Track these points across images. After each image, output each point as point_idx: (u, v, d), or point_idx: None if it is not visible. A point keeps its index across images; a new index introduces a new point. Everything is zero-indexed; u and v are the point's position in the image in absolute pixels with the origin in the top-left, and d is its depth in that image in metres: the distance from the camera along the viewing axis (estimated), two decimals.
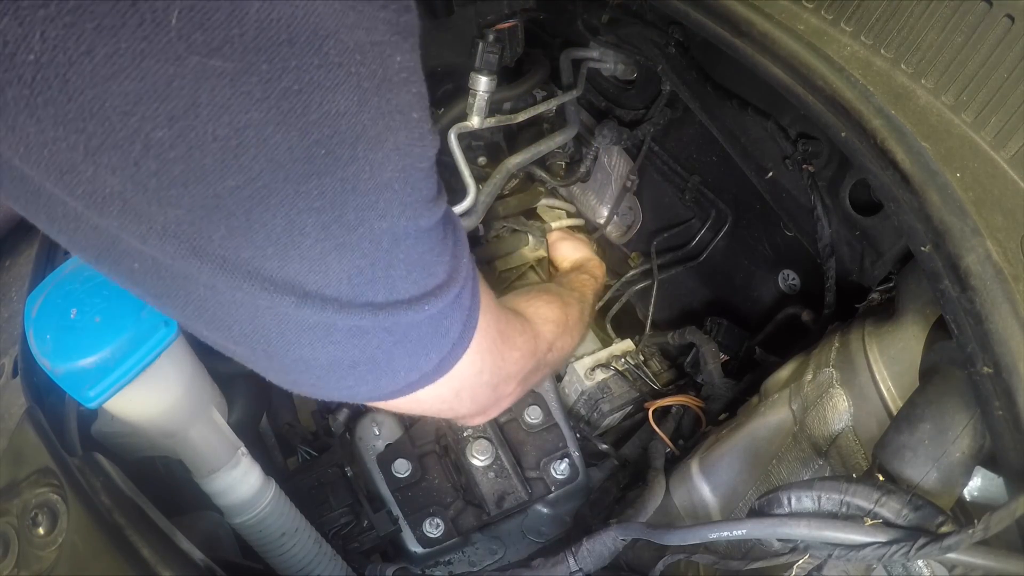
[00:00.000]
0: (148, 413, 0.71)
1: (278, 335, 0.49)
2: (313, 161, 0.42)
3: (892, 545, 0.53)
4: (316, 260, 0.46)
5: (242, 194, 0.41)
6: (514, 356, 0.71)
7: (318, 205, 0.44)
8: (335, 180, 0.44)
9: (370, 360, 0.53)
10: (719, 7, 0.79)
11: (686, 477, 0.87)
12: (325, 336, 0.50)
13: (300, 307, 0.47)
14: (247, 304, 0.47)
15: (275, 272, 0.46)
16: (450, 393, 0.63)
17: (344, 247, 0.47)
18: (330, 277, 0.47)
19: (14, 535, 0.63)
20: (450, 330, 0.57)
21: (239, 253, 0.44)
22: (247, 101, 0.39)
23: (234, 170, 0.40)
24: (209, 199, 0.41)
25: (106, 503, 0.62)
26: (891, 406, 0.71)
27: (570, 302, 0.92)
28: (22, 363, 0.72)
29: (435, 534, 0.93)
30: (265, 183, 0.42)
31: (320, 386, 0.56)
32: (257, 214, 0.43)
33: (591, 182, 1.32)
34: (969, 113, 0.67)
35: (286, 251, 0.45)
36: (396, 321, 0.52)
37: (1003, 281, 0.57)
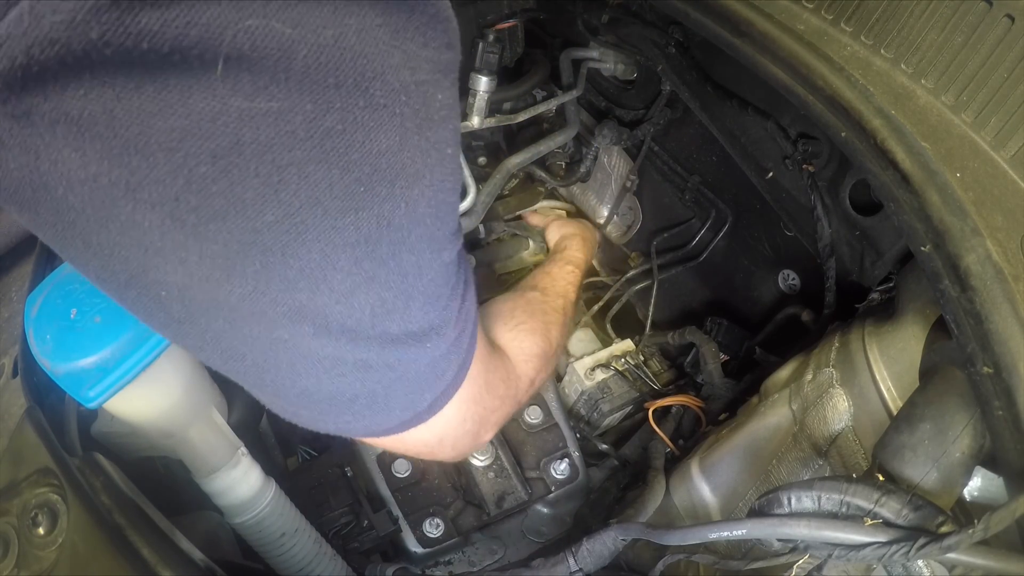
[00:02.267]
0: (148, 413, 0.71)
1: (288, 366, 0.50)
2: (352, 198, 0.43)
3: (892, 545, 0.53)
4: (345, 293, 0.47)
5: (280, 229, 0.42)
6: (495, 404, 0.72)
7: (353, 240, 0.45)
8: (371, 216, 0.44)
9: (370, 395, 0.54)
10: (719, 7, 0.79)
11: (686, 477, 0.87)
12: (332, 368, 0.51)
13: (316, 337, 0.48)
14: (264, 335, 0.48)
15: (303, 304, 0.46)
16: (434, 439, 0.65)
17: (373, 280, 0.47)
18: (354, 309, 0.48)
19: (14, 535, 0.63)
20: (446, 372, 0.58)
21: (270, 285, 0.44)
22: (291, 140, 0.40)
23: (273, 205, 0.41)
24: (247, 234, 0.42)
25: (106, 503, 0.62)
26: (891, 406, 0.71)
27: (554, 320, 0.90)
28: (22, 363, 0.72)
29: (435, 534, 0.93)
30: (303, 219, 0.42)
31: (319, 420, 0.57)
32: (293, 248, 0.43)
33: (591, 182, 1.32)
34: (969, 113, 0.68)
35: (317, 285, 0.45)
36: (399, 357, 0.53)
37: (1003, 281, 0.57)
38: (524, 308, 0.89)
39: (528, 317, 0.87)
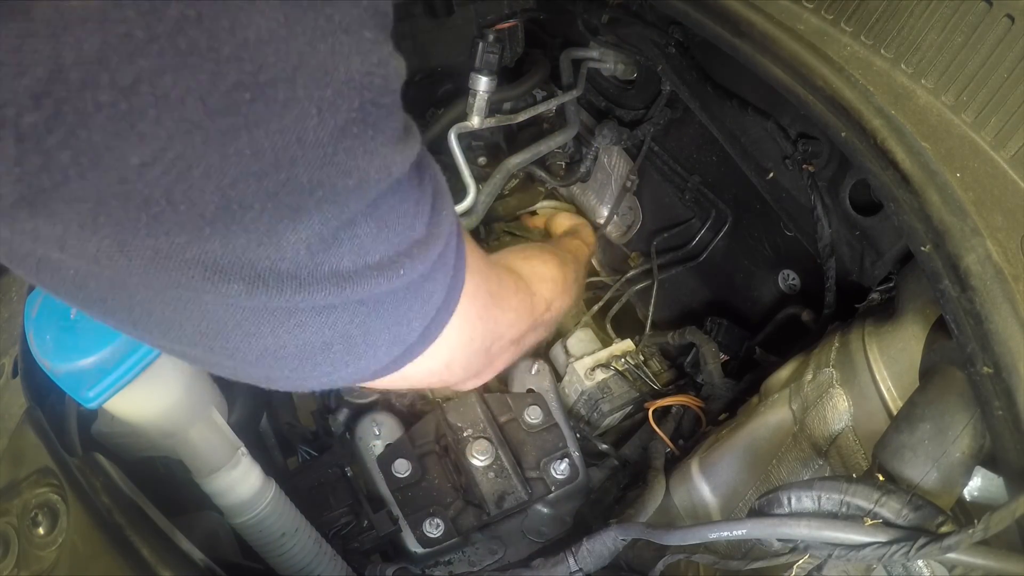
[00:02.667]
0: (148, 413, 0.71)
1: (235, 328, 0.42)
2: (237, 110, 0.33)
3: (892, 545, 0.53)
4: (265, 232, 0.37)
5: (153, 172, 0.33)
6: (508, 318, 0.65)
7: (256, 169, 0.35)
8: (272, 133, 0.34)
9: (344, 338, 0.46)
10: (719, 7, 0.79)
11: (686, 477, 0.87)
12: (288, 318, 0.42)
13: (252, 295, 0.39)
14: (192, 300, 0.40)
15: (217, 255, 0.37)
16: (440, 366, 0.57)
17: (299, 212, 0.38)
18: (284, 249, 0.39)
19: (14, 535, 0.63)
20: (433, 294, 0.50)
21: (172, 240, 0.36)
22: (129, 46, 0.30)
23: (134, 143, 0.31)
24: (115, 185, 0.33)
25: (106, 503, 0.62)
26: (891, 406, 0.71)
27: (566, 260, 0.87)
28: (22, 363, 0.72)
29: (435, 534, 0.93)
30: (179, 152, 0.32)
31: (295, 378, 0.48)
32: (180, 192, 0.34)
33: (591, 182, 1.32)
34: (969, 113, 0.67)
35: (226, 228, 0.36)
36: (369, 291, 0.44)
37: (1003, 281, 0.57)
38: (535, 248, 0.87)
39: (540, 252, 0.83)
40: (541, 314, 0.74)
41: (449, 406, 1.00)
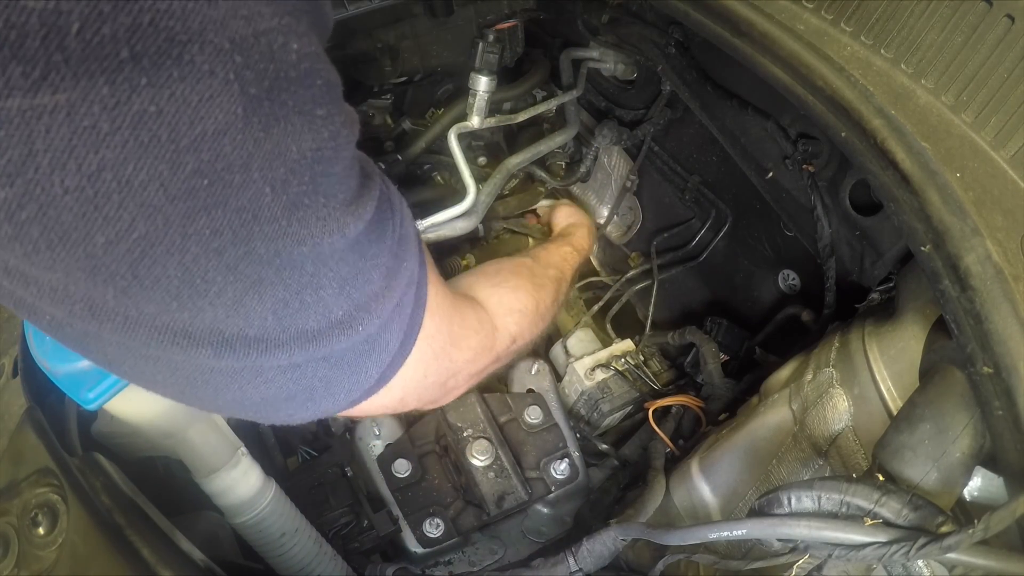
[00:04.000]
0: (148, 414, 0.71)
1: (203, 384, 0.45)
2: (195, 195, 0.35)
3: (892, 545, 0.53)
4: (231, 306, 0.40)
5: (118, 250, 0.35)
6: (466, 356, 0.67)
7: (216, 246, 0.37)
8: (229, 212, 0.37)
9: (307, 390, 0.49)
10: (719, 7, 0.79)
11: (686, 477, 0.87)
12: (255, 377, 0.45)
13: (220, 357, 0.42)
14: (163, 359, 0.42)
15: (187, 324, 0.40)
16: (394, 401, 0.61)
17: (261, 283, 0.40)
18: (251, 318, 0.41)
19: (14, 535, 0.63)
20: (389, 343, 0.52)
21: (141, 309, 0.38)
22: (94, 137, 0.32)
23: (100, 224, 0.34)
24: (82, 260, 0.35)
25: (106, 503, 0.62)
26: (891, 406, 0.71)
27: (543, 284, 0.86)
28: (22, 363, 0.72)
29: (435, 534, 0.93)
30: (142, 233, 0.35)
31: (259, 417, 0.53)
32: (144, 269, 0.36)
33: (591, 182, 1.32)
34: (969, 113, 0.67)
35: (193, 302, 0.39)
36: (331, 349, 0.46)
37: (1003, 281, 0.57)
38: (510, 269, 0.86)
39: (513, 276, 0.83)
40: (505, 348, 0.76)
41: (449, 406, 1.00)
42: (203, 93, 0.34)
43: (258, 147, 0.36)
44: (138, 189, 0.34)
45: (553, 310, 0.89)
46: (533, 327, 0.81)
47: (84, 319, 0.38)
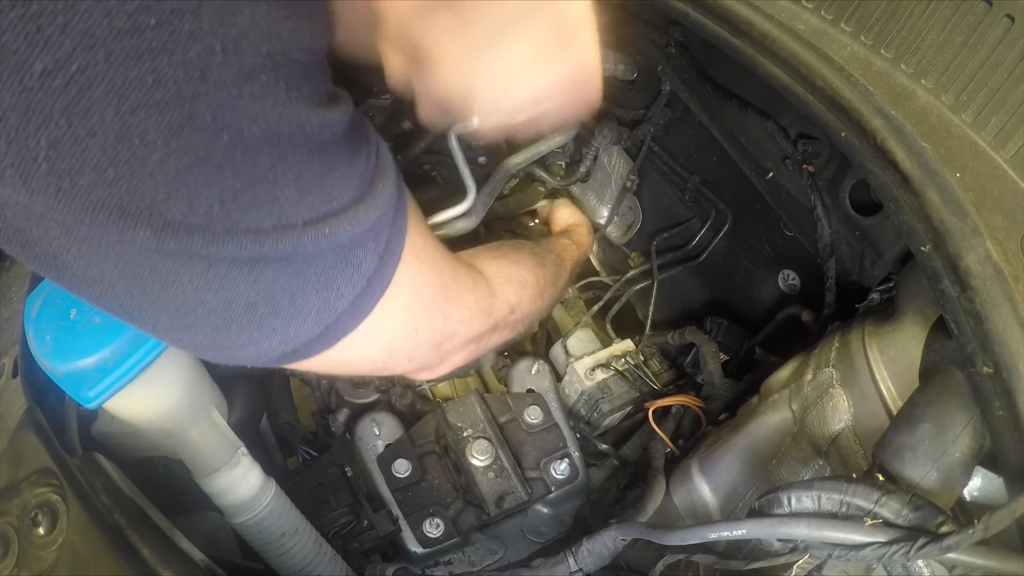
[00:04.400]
0: (148, 413, 0.71)
1: (151, 274, 0.40)
2: (141, 35, 0.32)
3: (892, 545, 0.53)
4: (172, 181, 0.36)
5: (54, 83, 0.32)
6: (461, 315, 0.63)
7: (158, 98, 0.34)
8: (175, 64, 0.33)
9: (269, 298, 0.44)
10: (719, 7, 0.79)
11: (686, 477, 0.87)
12: (206, 269, 0.41)
13: (160, 241, 0.38)
14: (103, 239, 0.39)
15: (125, 200, 0.36)
16: (381, 352, 0.56)
17: (208, 163, 0.37)
18: (196, 203, 0.37)
19: (14, 535, 0.63)
20: (363, 261, 0.48)
21: (74, 179, 0.35)
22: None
23: (39, 47, 0.32)
24: (17, 95, 0.32)
25: (106, 503, 0.62)
26: (891, 406, 0.71)
27: (544, 263, 0.85)
28: (22, 363, 0.72)
29: (435, 534, 0.93)
30: (81, 66, 0.32)
31: (221, 343, 0.46)
32: (79, 113, 0.33)
33: (591, 182, 1.32)
34: (969, 113, 0.67)
35: (131, 168, 0.35)
36: (292, 248, 0.42)
37: (1003, 281, 0.57)
38: (511, 246, 0.84)
39: (513, 251, 0.82)
40: (504, 316, 0.73)
41: (449, 406, 1.00)
42: None
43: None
44: (83, 14, 0.32)
45: (552, 293, 0.87)
46: (531, 302, 0.79)
47: (16, 189, 0.35)
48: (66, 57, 0.32)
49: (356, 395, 1.03)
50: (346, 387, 1.03)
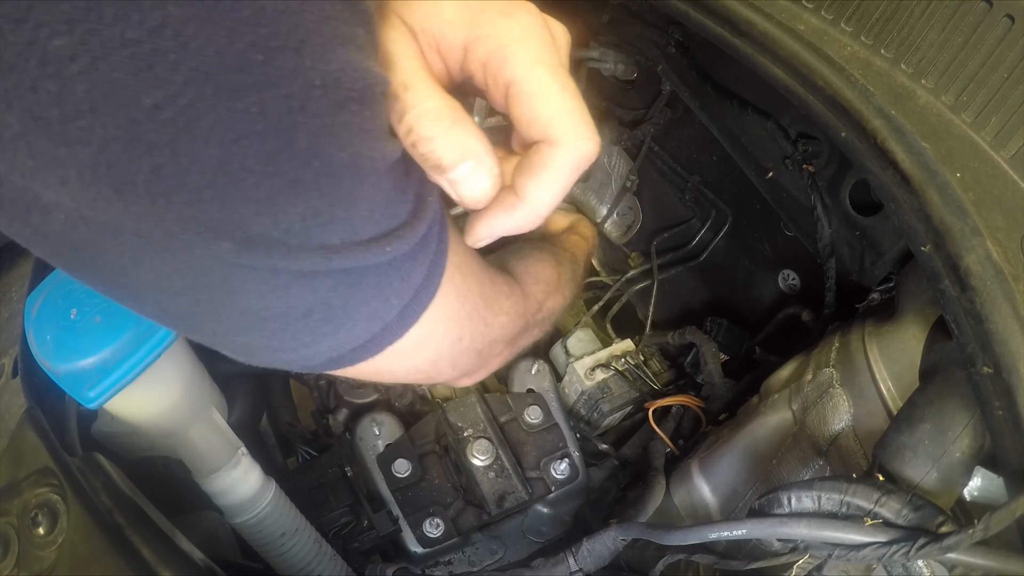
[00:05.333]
0: (148, 413, 0.71)
1: (220, 282, 0.43)
2: (249, 70, 0.35)
3: (892, 545, 0.53)
4: (264, 202, 0.39)
5: (163, 116, 0.34)
6: (500, 320, 0.65)
7: (260, 128, 0.36)
8: (278, 96, 0.36)
9: (324, 305, 0.46)
10: (719, 7, 0.79)
11: (686, 477, 0.87)
12: (272, 279, 0.43)
13: (240, 254, 0.40)
14: (181, 251, 0.40)
15: (215, 217, 0.38)
16: (426, 363, 0.58)
17: (298, 185, 0.39)
18: (280, 220, 0.40)
19: (14, 535, 0.63)
20: (412, 273, 0.50)
21: (170, 200, 0.37)
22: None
23: (150, 83, 0.33)
24: (124, 127, 0.34)
25: (106, 503, 0.62)
26: (891, 406, 0.71)
27: (562, 260, 0.86)
28: (22, 363, 0.72)
29: (435, 534, 0.93)
30: (190, 100, 0.34)
31: (274, 346, 0.48)
32: (184, 143, 0.35)
33: (591, 182, 1.32)
34: (969, 113, 0.67)
35: (227, 190, 0.37)
36: (354, 263, 0.45)
37: (1003, 281, 0.57)
38: (532, 245, 0.86)
39: (535, 251, 0.83)
40: (533, 315, 0.74)
41: (449, 406, 1.00)
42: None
43: (309, 36, 0.36)
44: (195, 52, 0.33)
45: (571, 289, 0.87)
46: (557, 295, 0.80)
47: (108, 204, 0.36)
48: (176, 91, 0.34)
49: (356, 395, 1.03)
50: (346, 387, 1.03)
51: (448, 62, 0.50)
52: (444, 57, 0.50)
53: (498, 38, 0.48)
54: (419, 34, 0.49)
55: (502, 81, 0.48)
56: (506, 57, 0.48)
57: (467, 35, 0.48)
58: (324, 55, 0.37)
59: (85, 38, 0.31)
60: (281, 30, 0.35)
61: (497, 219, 0.52)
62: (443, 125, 0.46)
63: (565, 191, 0.51)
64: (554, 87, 0.48)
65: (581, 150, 0.49)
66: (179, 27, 0.32)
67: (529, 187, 0.50)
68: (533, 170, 0.49)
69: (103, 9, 0.31)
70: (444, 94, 0.47)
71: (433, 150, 0.46)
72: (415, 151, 0.46)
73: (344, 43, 0.38)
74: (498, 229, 0.52)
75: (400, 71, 0.46)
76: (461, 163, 0.46)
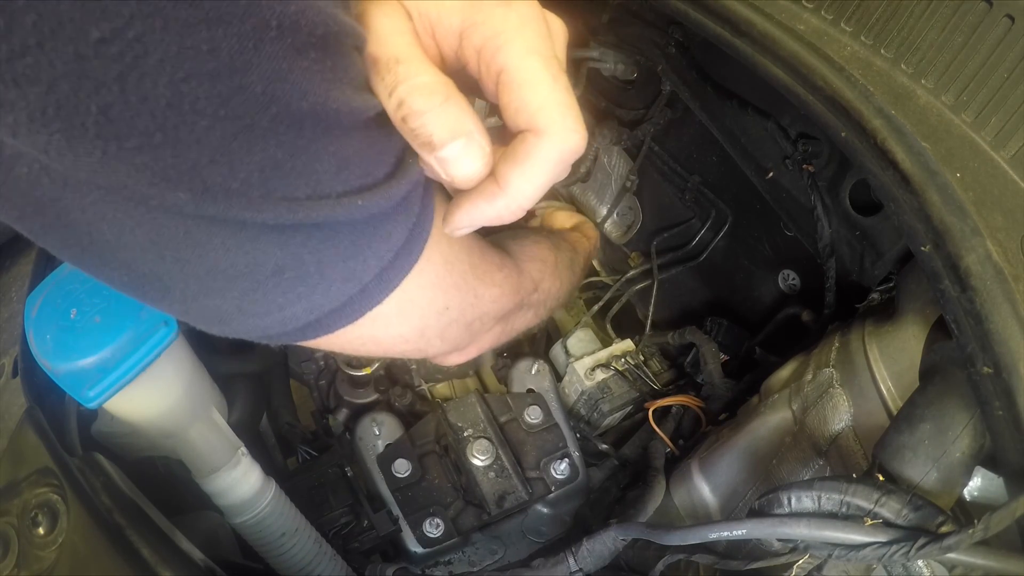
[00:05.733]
0: (148, 413, 0.71)
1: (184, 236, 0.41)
2: (200, 4, 0.33)
3: (892, 545, 0.53)
4: (217, 147, 0.37)
5: (110, 51, 0.32)
6: (492, 293, 0.63)
7: (211, 68, 0.34)
8: (231, 35, 0.34)
9: (296, 262, 0.44)
10: (719, 7, 0.79)
11: (686, 477, 0.87)
12: (239, 231, 0.41)
13: (198, 204, 0.38)
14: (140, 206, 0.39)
15: (168, 165, 0.37)
16: (413, 332, 0.55)
17: (253, 132, 0.37)
18: (236, 169, 0.38)
19: (14, 535, 0.63)
20: (392, 234, 0.48)
21: (122, 143, 0.35)
22: None
23: (97, 15, 0.32)
24: (71, 62, 0.32)
25: (106, 503, 0.62)
26: (891, 406, 0.71)
27: (561, 246, 0.85)
28: (22, 363, 0.72)
29: (435, 534, 0.93)
30: (138, 33, 0.32)
31: (247, 309, 0.46)
32: (133, 80, 0.33)
33: (591, 182, 1.32)
34: (969, 113, 0.67)
35: (177, 133, 0.35)
36: (323, 217, 0.42)
37: (1003, 281, 0.57)
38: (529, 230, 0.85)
39: (532, 233, 0.82)
40: (528, 293, 0.72)
41: (449, 406, 1.00)
42: None
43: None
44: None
45: (568, 277, 0.85)
46: (554, 278, 0.78)
47: (62, 153, 0.35)
48: (123, 25, 0.32)
49: (356, 395, 1.03)
50: (346, 387, 1.03)
51: (443, 47, 0.49)
52: (439, 42, 0.49)
53: (494, 25, 0.47)
54: (416, 16, 0.47)
55: (494, 68, 0.47)
56: (500, 45, 0.46)
57: (463, 21, 0.47)
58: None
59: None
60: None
61: (477, 207, 0.49)
62: (435, 100, 0.44)
63: (549, 183, 0.49)
64: (545, 77, 0.47)
65: (567, 142, 0.47)
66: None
67: (512, 176, 0.48)
68: (517, 159, 0.48)
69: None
70: (437, 71, 0.45)
71: (424, 124, 0.44)
72: (404, 126, 0.44)
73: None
74: (478, 218, 0.50)
75: (392, 45, 0.45)
76: (452, 141, 0.45)
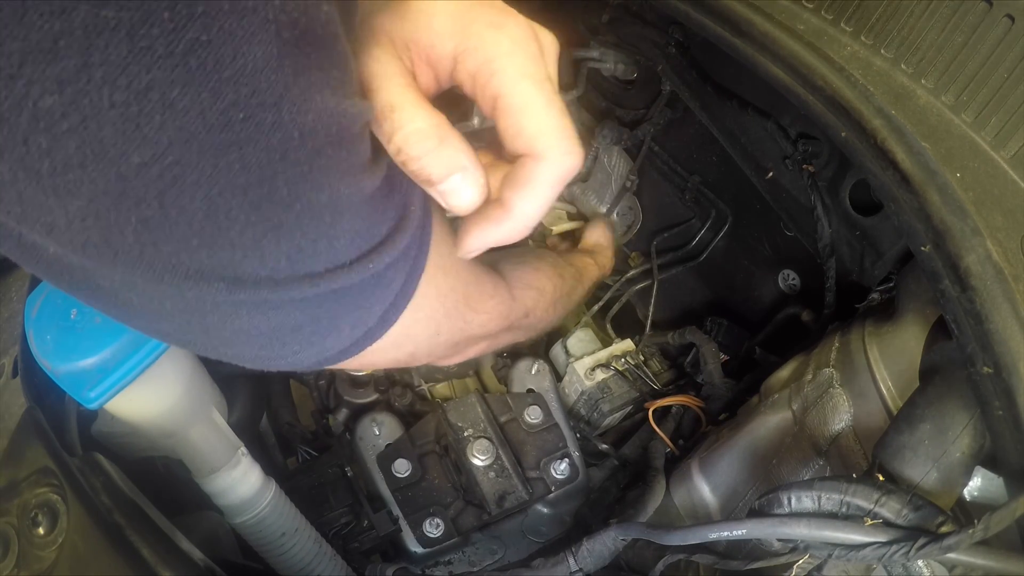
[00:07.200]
0: (148, 413, 0.71)
1: (212, 311, 0.45)
2: (231, 129, 0.36)
3: (892, 545, 0.53)
4: (250, 247, 0.41)
5: (150, 173, 0.35)
6: (480, 319, 0.67)
7: (243, 181, 0.38)
8: (259, 150, 0.38)
9: (313, 320, 0.49)
10: (719, 7, 0.79)
11: (686, 477, 0.87)
12: (263, 307, 0.46)
13: (232, 292, 0.43)
14: (173, 294, 0.43)
15: (203, 263, 0.40)
16: (404, 355, 0.61)
17: (281, 228, 0.41)
18: (266, 260, 0.42)
19: (14, 535, 0.63)
20: (393, 281, 0.52)
21: (159, 247, 0.39)
22: (148, 58, 0.33)
23: (137, 143, 0.35)
24: (112, 183, 0.35)
25: (106, 503, 0.62)
26: (891, 406, 0.71)
27: (564, 275, 0.88)
28: (22, 363, 0.72)
29: (435, 534, 0.93)
30: (176, 158, 0.36)
31: (264, 356, 0.51)
32: (171, 197, 0.37)
33: (591, 182, 1.32)
34: (969, 113, 0.67)
35: (214, 239, 0.39)
36: (338, 284, 0.47)
37: (1003, 281, 0.57)
38: (534, 254, 0.87)
39: (535, 259, 0.85)
40: (519, 319, 0.76)
41: (449, 406, 1.00)
42: (247, 28, 0.35)
43: (288, 90, 0.38)
44: (180, 113, 0.35)
45: (565, 304, 0.89)
46: (546, 310, 0.82)
47: (97, 253, 0.38)
48: (163, 150, 0.35)
49: (356, 395, 1.03)
50: (346, 387, 1.03)
51: (438, 72, 0.52)
52: (434, 67, 0.52)
53: (487, 51, 0.50)
54: (409, 45, 0.50)
55: (490, 93, 0.50)
56: (494, 71, 0.49)
57: (456, 46, 0.50)
58: (301, 106, 0.38)
59: (75, 98, 0.33)
60: (261, 87, 0.36)
61: (486, 231, 0.54)
62: (430, 144, 0.48)
63: (550, 203, 0.53)
64: (539, 102, 0.50)
65: (565, 165, 0.51)
66: (165, 89, 0.34)
67: (515, 200, 0.52)
68: (519, 184, 0.51)
69: (92, 72, 0.32)
70: (430, 111, 0.48)
71: (423, 167, 0.48)
72: (405, 168, 0.49)
73: (320, 89, 0.40)
74: (488, 240, 0.54)
75: (386, 91, 0.48)
76: (449, 177, 0.49)
